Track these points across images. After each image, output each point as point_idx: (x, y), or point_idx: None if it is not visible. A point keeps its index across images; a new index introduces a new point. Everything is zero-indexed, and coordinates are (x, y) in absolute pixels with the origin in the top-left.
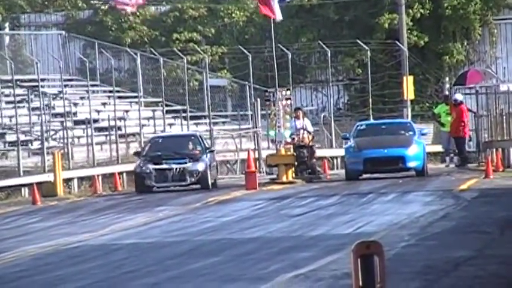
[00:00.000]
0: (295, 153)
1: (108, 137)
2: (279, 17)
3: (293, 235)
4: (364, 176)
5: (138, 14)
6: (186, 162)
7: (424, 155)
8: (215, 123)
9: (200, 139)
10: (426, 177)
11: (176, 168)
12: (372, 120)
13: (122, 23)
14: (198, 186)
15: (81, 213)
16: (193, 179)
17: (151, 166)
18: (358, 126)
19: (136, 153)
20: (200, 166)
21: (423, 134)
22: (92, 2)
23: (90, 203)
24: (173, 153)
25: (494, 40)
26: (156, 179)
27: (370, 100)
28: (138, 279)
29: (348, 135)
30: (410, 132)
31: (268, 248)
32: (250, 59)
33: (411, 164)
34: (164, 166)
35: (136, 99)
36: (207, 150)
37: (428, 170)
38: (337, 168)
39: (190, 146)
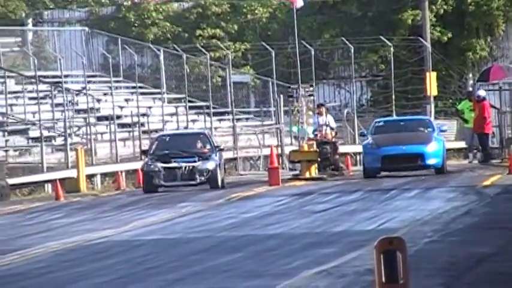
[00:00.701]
0: (318, 150)
1: (131, 133)
2: (300, 3)
3: (316, 231)
4: (382, 174)
5: (161, 10)
6: (195, 161)
7: (444, 152)
8: (238, 120)
9: (209, 137)
10: (447, 174)
11: (185, 167)
12: (390, 117)
13: (144, 19)
14: (207, 186)
15: (104, 209)
16: (202, 178)
17: (159, 165)
18: (375, 123)
19: (143, 152)
20: (210, 165)
21: (442, 131)
22: None
23: (113, 199)
24: (182, 152)
25: None
26: (164, 178)
27: (393, 96)
28: (161, 275)
29: (365, 132)
30: (430, 129)
31: (291, 244)
32: (273, 55)
33: (430, 162)
34: (173, 165)
35: (159, 95)
36: (216, 149)
37: (452, 166)
38: (360, 164)
39: (199, 145)
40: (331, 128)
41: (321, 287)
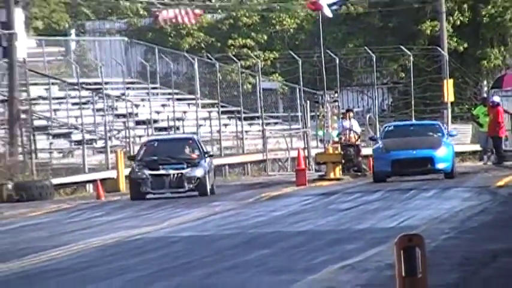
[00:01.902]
0: (342, 152)
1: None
2: (328, 12)
3: (340, 228)
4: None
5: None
6: (183, 168)
7: (453, 156)
8: (267, 124)
9: (198, 143)
10: (461, 175)
11: (173, 174)
12: (400, 122)
13: (180, 30)
14: (196, 193)
15: (142, 208)
16: (191, 186)
17: (147, 172)
18: (386, 127)
19: (131, 158)
20: (199, 172)
21: (452, 136)
22: (152, 9)
23: (150, 198)
24: (170, 158)
25: None
26: (152, 186)
27: (413, 102)
28: (196, 269)
29: (375, 136)
30: (439, 134)
31: (317, 240)
32: (300, 63)
33: (440, 166)
34: (161, 172)
35: (193, 101)
36: (206, 155)
37: (468, 167)
38: None
39: (188, 150)
40: (355, 132)
41: (344, 281)
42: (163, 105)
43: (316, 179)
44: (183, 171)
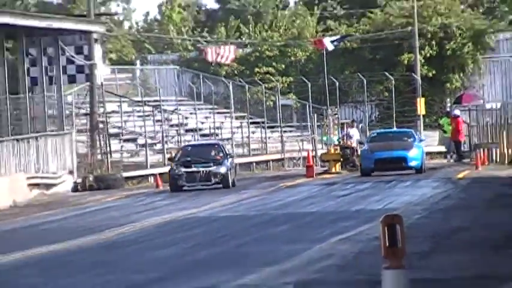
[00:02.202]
0: (341, 152)
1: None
2: (330, 46)
3: (339, 210)
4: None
5: None
6: (210, 166)
7: (423, 156)
8: (284, 131)
9: (222, 147)
10: (429, 171)
11: (203, 171)
12: (381, 129)
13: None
14: (220, 185)
15: (190, 195)
16: (216, 180)
17: (182, 169)
18: (371, 134)
19: (170, 159)
20: (222, 169)
21: (421, 140)
22: (198, 45)
23: (196, 187)
24: (200, 159)
25: (481, 73)
26: (186, 180)
27: (394, 115)
28: (231, 241)
29: (363, 140)
30: (412, 139)
31: (322, 219)
32: (309, 86)
33: (412, 164)
34: (193, 169)
35: (229, 114)
36: (228, 156)
37: (435, 164)
38: None
39: (214, 153)
40: (350, 137)
41: (343, 249)
42: (206, 117)
43: (321, 173)
44: (210, 168)
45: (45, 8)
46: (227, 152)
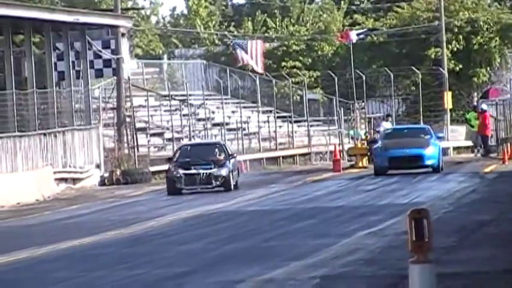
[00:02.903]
0: (368, 146)
1: (236, 135)
2: (354, 39)
3: (366, 204)
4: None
5: None
6: (211, 168)
7: (440, 154)
8: (311, 125)
9: (224, 147)
10: (455, 165)
11: (203, 173)
12: (397, 126)
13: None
14: (222, 189)
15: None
16: (218, 183)
17: (181, 171)
18: (385, 130)
19: (168, 160)
20: (224, 171)
21: (439, 137)
22: (224, 40)
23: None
24: (200, 160)
25: (509, 67)
26: (185, 183)
27: (421, 109)
28: (257, 235)
29: (376, 138)
30: (428, 136)
31: (349, 213)
32: (336, 80)
33: (428, 162)
34: (192, 171)
35: (256, 108)
36: (230, 157)
37: (462, 158)
38: None
39: (215, 153)
40: (377, 132)
41: (370, 244)
42: (233, 112)
43: (348, 167)
44: (211, 170)
45: (72, 3)
46: (229, 152)
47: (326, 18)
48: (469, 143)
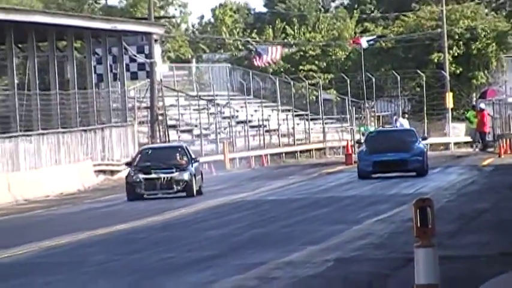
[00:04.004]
0: None
1: (258, 131)
2: (364, 44)
3: (375, 194)
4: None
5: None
6: (173, 172)
7: (424, 157)
8: (326, 123)
9: (186, 150)
10: (459, 158)
11: (164, 178)
12: (381, 128)
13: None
14: (184, 194)
15: (241, 180)
16: (179, 187)
17: (141, 176)
18: (369, 133)
19: (128, 164)
20: (186, 175)
21: (424, 139)
22: (248, 46)
23: (245, 174)
24: (161, 164)
25: (504, 70)
26: (145, 188)
27: (425, 108)
28: (277, 222)
29: (361, 140)
30: (413, 139)
31: (360, 202)
32: (348, 82)
33: (412, 166)
34: (153, 176)
35: (276, 107)
36: (193, 161)
37: (462, 153)
38: None
39: (177, 157)
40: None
41: (379, 230)
42: (255, 110)
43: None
44: (172, 175)
45: (110, 12)
46: (192, 156)
47: (339, 26)
48: (469, 139)
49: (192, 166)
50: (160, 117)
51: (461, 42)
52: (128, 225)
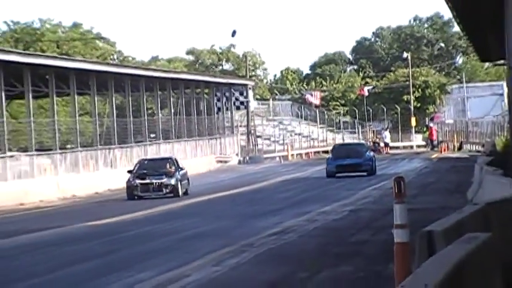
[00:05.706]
0: (373, 144)
1: (307, 139)
2: (366, 93)
3: (371, 175)
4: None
5: None
6: (162, 178)
7: (373, 161)
8: (344, 134)
9: (174, 161)
10: (417, 153)
11: (155, 183)
12: (342, 142)
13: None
14: (171, 195)
15: (298, 166)
16: (167, 190)
17: (138, 181)
18: (335, 146)
19: (129, 171)
20: (173, 181)
21: (373, 150)
22: (301, 91)
23: (300, 162)
24: (154, 171)
25: (444, 104)
26: (141, 190)
27: (399, 126)
28: (317, 189)
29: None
30: (364, 149)
31: (362, 179)
32: (357, 111)
33: (364, 168)
34: (147, 181)
35: (316, 125)
36: (179, 169)
37: (420, 151)
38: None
39: (167, 166)
40: (383, 138)
41: (374, 193)
42: (305, 127)
43: None
44: (162, 180)
45: (225, 72)
46: (179, 166)
47: (352, 80)
48: (424, 143)
49: (178, 173)
50: (251, 131)
51: (420, 89)
52: (234, 191)
